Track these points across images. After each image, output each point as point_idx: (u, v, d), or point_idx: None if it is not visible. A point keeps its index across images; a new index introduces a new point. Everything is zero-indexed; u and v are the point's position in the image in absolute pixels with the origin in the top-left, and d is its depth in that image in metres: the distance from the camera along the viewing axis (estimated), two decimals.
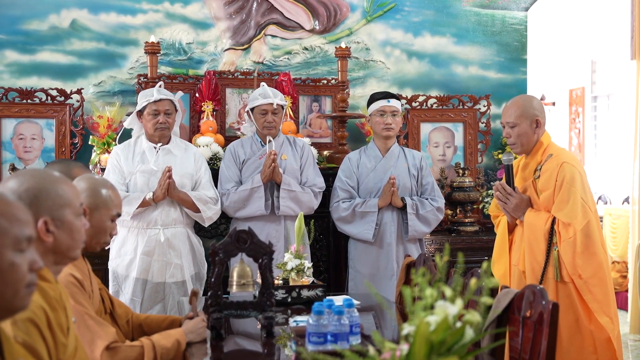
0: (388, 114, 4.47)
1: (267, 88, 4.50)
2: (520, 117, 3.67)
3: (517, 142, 3.70)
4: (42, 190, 2.00)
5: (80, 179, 2.63)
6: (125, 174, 4.26)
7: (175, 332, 2.68)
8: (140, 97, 4.30)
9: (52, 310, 1.94)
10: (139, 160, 4.27)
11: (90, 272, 2.72)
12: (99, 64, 5.37)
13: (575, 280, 3.47)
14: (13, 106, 5.11)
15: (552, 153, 3.64)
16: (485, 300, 1.80)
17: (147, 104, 4.23)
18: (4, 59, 5.26)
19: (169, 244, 4.23)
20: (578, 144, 10.09)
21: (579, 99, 10.09)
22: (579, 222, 3.47)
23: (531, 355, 2.49)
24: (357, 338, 2.62)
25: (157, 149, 4.28)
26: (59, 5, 5.33)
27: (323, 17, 5.69)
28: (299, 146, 4.58)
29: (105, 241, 2.67)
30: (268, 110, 4.42)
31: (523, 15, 5.97)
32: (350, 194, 4.50)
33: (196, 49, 5.50)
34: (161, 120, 4.23)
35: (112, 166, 4.29)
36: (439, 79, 5.84)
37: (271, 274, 2.98)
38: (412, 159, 4.57)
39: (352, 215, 4.45)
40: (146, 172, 4.24)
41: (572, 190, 3.49)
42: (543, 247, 3.52)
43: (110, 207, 2.60)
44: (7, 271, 1.56)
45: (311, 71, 5.62)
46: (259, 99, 4.42)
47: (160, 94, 4.25)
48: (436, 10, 5.84)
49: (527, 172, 3.72)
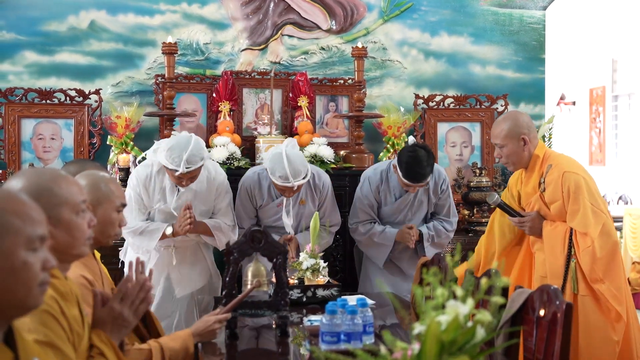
0: (412, 187, 4.19)
1: (287, 167, 3.99)
2: (506, 137, 3.68)
3: (509, 161, 3.74)
4: (37, 189, 2.00)
5: (80, 176, 2.61)
6: (147, 206, 4.10)
7: (183, 334, 2.68)
8: (167, 155, 3.90)
9: (64, 301, 1.96)
10: (160, 198, 4.09)
11: (101, 272, 2.73)
12: (117, 65, 5.41)
13: (597, 287, 3.43)
14: (32, 106, 5.16)
15: (552, 163, 3.63)
16: (496, 299, 1.80)
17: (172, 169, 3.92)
18: (24, 59, 5.31)
19: (181, 259, 4.15)
20: (599, 144, 10.01)
21: (599, 98, 10.02)
22: (594, 229, 3.46)
23: (545, 355, 2.48)
24: (370, 337, 2.62)
25: (177, 187, 4.06)
26: (78, 7, 5.37)
27: (340, 17, 5.69)
28: (319, 187, 4.35)
29: (115, 233, 2.66)
30: (286, 189, 4.08)
31: (541, 14, 5.93)
32: (370, 216, 4.41)
33: (213, 49, 5.53)
34: (184, 184, 3.99)
35: (134, 198, 4.07)
36: (456, 78, 5.82)
37: (285, 274, 2.99)
38: (434, 185, 4.37)
39: (368, 241, 4.40)
40: (165, 213, 4.08)
41: (579, 199, 3.49)
42: (562, 261, 3.51)
43: (113, 199, 2.59)
44: (21, 270, 1.57)
45: (328, 71, 5.63)
46: (278, 180, 4.02)
47: (188, 165, 3.86)
48: (453, 9, 5.82)
49: (530, 187, 3.73)
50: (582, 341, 3.40)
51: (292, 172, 3.99)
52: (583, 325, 3.42)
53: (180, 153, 3.86)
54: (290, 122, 5.34)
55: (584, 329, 3.42)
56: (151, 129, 5.31)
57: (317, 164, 4.86)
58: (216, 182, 4.17)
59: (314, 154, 4.90)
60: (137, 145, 5.09)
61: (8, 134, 5.11)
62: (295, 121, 5.28)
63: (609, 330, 3.42)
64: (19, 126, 5.14)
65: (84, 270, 2.55)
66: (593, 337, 3.42)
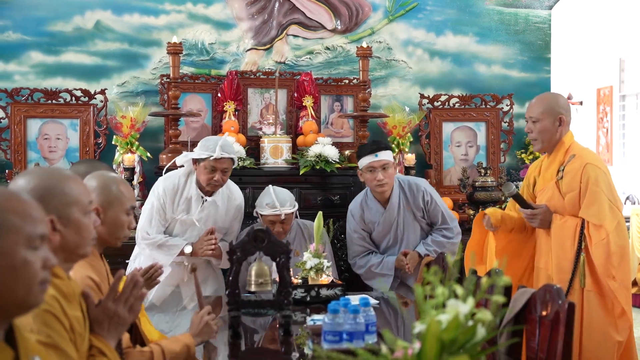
0: (378, 169, 4.12)
1: (273, 195, 4.10)
2: (544, 113, 3.63)
3: (538, 138, 3.65)
4: (48, 188, 2.01)
5: (91, 177, 2.63)
6: (168, 218, 4.04)
7: (183, 337, 2.67)
8: (201, 146, 3.97)
9: (66, 302, 1.97)
10: (184, 209, 4.04)
11: (108, 274, 2.74)
12: (122, 65, 5.42)
13: (608, 283, 3.41)
14: (38, 107, 5.18)
15: (575, 154, 3.59)
16: (497, 298, 1.79)
17: (206, 157, 3.93)
18: (30, 60, 5.33)
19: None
20: (606, 144, 9.98)
21: (606, 98, 9.98)
22: (610, 222, 3.42)
23: (548, 354, 2.47)
24: (373, 337, 2.61)
25: (204, 199, 4.03)
26: (83, 7, 5.39)
27: (345, 16, 5.69)
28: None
29: (124, 235, 2.68)
30: (276, 221, 4.07)
31: (547, 13, 5.92)
32: (365, 248, 4.32)
33: (218, 49, 5.53)
34: (216, 178, 3.94)
35: (156, 208, 4.02)
36: (462, 78, 5.82)
37: (289, 273, 2.99)
38: (413, 200, 4.25)
39: (369, 273, 4.30)
40: (187, 223, 4.04)
41: (597, 192, 3.45)
42: (570, 256, 3.47)
43: (124, 201, 2.61)
44: (21, 268, 1.58)
45: (333, 71, 5.63)
46: (266, 209, 4.07)
47: (223, 151, 3.91)
48: (458, 9, 5.82)
49: (549, 173, 3.68)
50: (585, 337, 3.39)
51: (280, 200, 4.07)
52: (587, 320, 3.42)
53: (216, 141, 3.96)
54: (295, 122, 5.35)
55: (587, 325, 3.41)
56: (156, 129, 5.33)
57: (322, 164, 4.87)
58: (235, 203, 4.16)
59: (318, 154, 4.90)
60: (142, 145, 5.10)
61: (14, 133, 5.13)
62: (300, 121, 5.29)
63: (612, 327, 3.41)
64: (25, 126, 5.16)
65: (91, 271, 2.56)
66: (595, 332, 3.41)
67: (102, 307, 2.23)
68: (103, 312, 2.22)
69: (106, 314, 2.22)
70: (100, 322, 2.21)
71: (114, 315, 2.23)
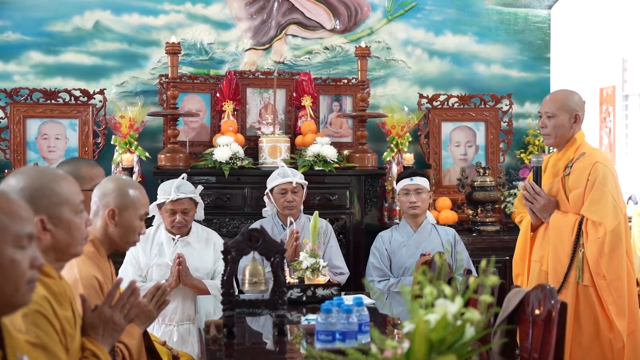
0: (412, 192, 4.40)
1: (287, 168, 4.43)
2: (560, 109, 3.65)
3: (552, 133, 3.66)
4: (38, 188, 2.02)
5: (108, 179, 2.67)
6: (142, 267, 4.09)
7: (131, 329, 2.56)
8: (160, 190, 4.12)
9: (56, 302, 1.97)
10: (157, 253, 4.11)
11: (112, 275, 2.75)
12: (121, 65, 5.43)
13: (597, 281, 3.43)
14: (37, 106, 5.19)
15: (585, 152, 3.61)
16: (485, 298, 1.79)
17: (164, 201, 4.06)
18: (29, 60, 5.34)
19: (182, 341, 4.05)
20: (609, 144, 9.95)
21: (609, 98, 9.95)
22: (610, 222, 3.43)
23: (541, 354, 2.47)
24: (366, 337, 2.61)
25: (175, 240, 4.11)
26: (83, 7, 5.39)
27: (344, 16, 5.69)
28: (322, 228, 4.29)
29: (134, 240, 2.71)
30: (287, 190, 4.32)
31: (546, 13, 5.91)
32: (384, 273, 4.39)
33: (217, 49, 5.53)
34: (178, 220, 4.06)
35: (129, 258, 4.09)
36: (461, 78, 5.80)
37: (283, 272, 3.00)
38: (444, 235, 4.46)
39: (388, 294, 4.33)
40: (162, 266, 4.08)
41: (604, 190, 3.46)
42: (568, 249, 3.49)
43: (139, 206, 2.64)
44: (8, 267, 1.58)
45: (332, 71, 5.62)
46: (278, 179, 4.34)
47: (179, 192, 4.04)
48: (458, 8, 5.81)
49: (557, 169, 3.68)
50: (575, 332, 3.39)
51: (291, 171, 4.37)
52: (580, 315, 3.42)
53: (171, 183, 4.10)
54: (294, 122, 5.34)
55: (579, 319, 3.41)
56: (155, 129, 5.33)
57: (320, 164, 4.87)
58: (214, 239, 4.24)
59: (317, 154, 4.90)
60: (141, 145, 5.10)
61: (13, 133, 5.14)
62: (298, 121, 5.29)
63: (606, 324, 3.41)
64: (24, 126, 5.16)
65: (97, 271, 2.57)
66: (590, 326, 3.41)
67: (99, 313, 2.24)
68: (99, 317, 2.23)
69: (102, 319, 2.23)
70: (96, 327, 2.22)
71: (109, 321, 2.24)
